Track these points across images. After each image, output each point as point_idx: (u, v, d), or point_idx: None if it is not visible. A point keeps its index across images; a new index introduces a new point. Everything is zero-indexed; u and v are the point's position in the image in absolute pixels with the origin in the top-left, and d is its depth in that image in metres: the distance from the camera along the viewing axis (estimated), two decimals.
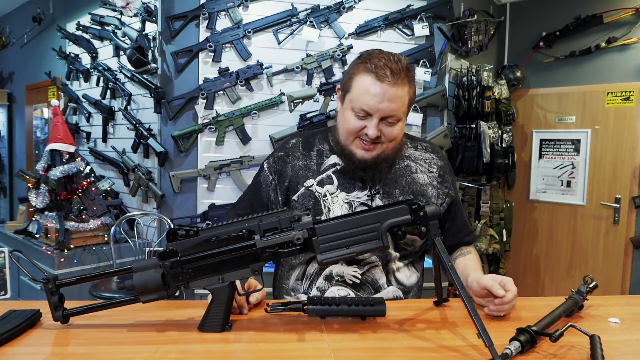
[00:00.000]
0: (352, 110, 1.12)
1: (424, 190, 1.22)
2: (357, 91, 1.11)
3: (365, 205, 1.18)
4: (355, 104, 1.11)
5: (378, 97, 1.08)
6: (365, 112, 1.10)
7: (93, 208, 2.93)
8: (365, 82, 1.10)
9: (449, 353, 0.84)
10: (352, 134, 1.14)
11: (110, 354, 0.82)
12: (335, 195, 1.19)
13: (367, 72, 1.10)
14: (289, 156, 1.25)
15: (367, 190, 1.19)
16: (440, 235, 0.93)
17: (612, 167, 3.48)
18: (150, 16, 2.91)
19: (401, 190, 1.21)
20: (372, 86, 1.08)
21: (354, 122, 1.12)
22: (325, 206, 1.18)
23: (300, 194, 1.20)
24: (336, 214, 1.15)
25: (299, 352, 0.85)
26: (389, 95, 1.08)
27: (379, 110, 1.09)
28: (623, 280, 3.47)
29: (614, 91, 3.44)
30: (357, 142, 1.14)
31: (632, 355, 0.86)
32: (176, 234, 0.93)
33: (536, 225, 3.86)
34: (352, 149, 1.15)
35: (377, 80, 1.08)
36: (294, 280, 1.22)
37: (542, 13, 3.72)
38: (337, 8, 2.85)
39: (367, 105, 1.09)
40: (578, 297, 1.01)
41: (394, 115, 1.11)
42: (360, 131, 1.12)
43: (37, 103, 4.84)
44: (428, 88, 3.00)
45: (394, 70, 1.08)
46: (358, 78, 1.12)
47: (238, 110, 2.83)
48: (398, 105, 1.10)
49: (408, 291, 1.21)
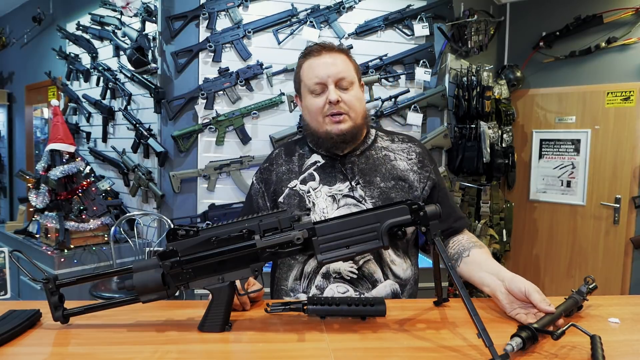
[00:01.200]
0: (309, 92, 1.22)
1: (405, 176, 1.25)
2: (306, 73, 1.23)
3: (348, 196, 1.21)
4: (309, 84, 1.21)
5: (323, 65, 1.20)
6: (319, 85, 1.20)
7: (93, 208, 2.93)
8: (308, 64, 1.23)
9: (449, 353, 0.84)
10: (319, 112, 1.21)
11: (110, 354, 0.82)
12: (319, 190, 1.23)
13: (307, 57, 1.24)
14: (273, 164, 1.32)
15: (348, 182, 1.23)
16: (440, 235, 0.93)
17: (612, 167, 3.48)
18: (150, 16, 2.91)
19: (382, 177, 1.24)
20: (314, 62, 1.21)
21: (316, 101, 1.21)
22: (310, 201, 1.22)
23: (285, 194, 1.25)
24: (321, 207, 1.20)
25: (299, 352, 0.84)
26: (331, 61, 1.20)
27: (329, 75, 1.18)
28: (623, 280, 3.47)
29: (614, 91, 3.44)
30: (327, 120, 1.21)
31: (632, 355, 0.86)
32: (176, 234, 0.93)
33: (536, 225, 3.86)
34: (327, 128, 1.21)
35: (316, 56, 1.22)
36: (292, 281, 1.22)
37: (542, 13, 3.72)
38: (337, 8, 2.85)
39: (318, 77, 1.19)
40: (578, 297, 1.01)
41: (344, 77, 1.19)
42: (324, 106, 1.19)
43: (37, 103, 4.84)
44: (428, 88, 3.00)
45: (326, 47, 1.23)
46: (303, 66, 1.24)
47: (238, 110, 2.83)
48: (343, 67, 1.20)
49: (405, 284, 1.22)
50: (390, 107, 2.88)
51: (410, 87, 2.94)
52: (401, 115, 2.91)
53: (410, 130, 2.94)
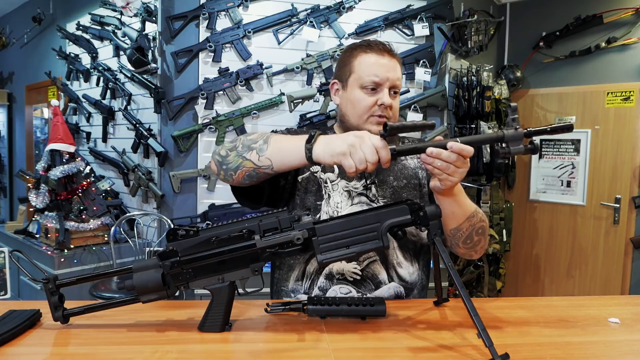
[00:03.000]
0: (361, 88, 1.18)
1: (415, 174, 1.27)
2: (363, 68, 1.18)
3: (362, 194, 1.21)
4: (364, 80, 1.17)
5: (385, 67, 1.17)
6: (375, 84, 1.17)
7: (93, 208, 2.93)
8: (368, 59, 1.18)
9: (449, 353, 0.84)
10: (366, 110, 1.19)
11: (110, 354, 0.82)
12: (336, 183, 1.22)
13: (367, 51, 1.19)
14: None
15: (364, 180, 1.23)
16: (440, 235, 0.93)
17: (612, 167, 3.48)
18: (150, 16, 2.91)
19: (394, 176, 1.25)
20: (376, 59, 1.18)
21: (365, 98, 1.18)
22: (326, 192, 1.22)
23: (306, 177, 1.24)
24: (335, 201, 1.20)
25: (299, 352, 0.84)
26: (391, 65, 1.18)
27: (388, 79, 1.17)
28: (623, 280, 3.47)
29: (614, 91, 3.44)
30: (372, 119, 1.19)
31: (632, 355, 0.86)
32: (176, 234, 0.93)
33: (536, 225, 3.86)
34: (368, 127, 1.19)
35: (379, 55, 1.18)
36: (293, 282, 1.21)
37: (542, 13, 3.72)
38: (337, 8, 2.85)
39: (378, 76, 1.16)
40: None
41: (397, 86, 1.19)
42: (374, 106, 1.17)
43: (37, 103, 4.84)
44: (428, 88, 3.00)
45: (387, 48, 1.20)
46: (359, 58, 1.20)
47: (238, 110, 2.83)
48: (399, 75, 1.20)
49: (411, 288, 1.20)
50: None
51: (410, 87, 2.94)
52: (401, 116, 2.91)
53: None
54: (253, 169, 1.04)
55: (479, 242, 1.14)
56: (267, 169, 1.03)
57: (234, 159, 1.06)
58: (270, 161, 1.02)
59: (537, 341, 0.89)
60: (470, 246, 1.14)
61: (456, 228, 1.10)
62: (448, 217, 1.07)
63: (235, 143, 1.08)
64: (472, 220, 1.09)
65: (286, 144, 1.02)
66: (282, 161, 1.01)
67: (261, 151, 1.03)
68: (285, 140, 1.03)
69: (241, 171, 1.06)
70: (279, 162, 1.02)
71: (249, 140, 1.07)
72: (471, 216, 1.09)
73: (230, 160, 1.07)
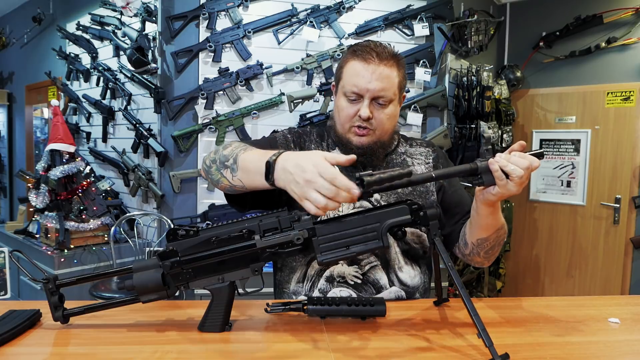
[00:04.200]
0: (344, 95, 1.17)
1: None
2: (347, 76, 1.16)
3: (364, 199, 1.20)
4: (346, 88, 1.16)
5: (366, 77, 1.13)
6: (356, 95, 1.14)
7: (93, 208, 2.93)
8: (354, 66, 1.15)
9: (449, 353, 0.84)
10: (347, 119, 1.17)
11: (110, 354, 0.82)
12: None
13: (355, 57, 1.16)
14: (304, 137, 1.29)
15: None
16: (440, 235, 0.93)
17: (612, 167, 3.48)
18: (150, 16, 2.91)
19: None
20: (359, 68, 1.14)
21: (347, 107, 1.17)
22: None
23: None
24: None
25: (299, 352, 0.84)
26: (376, 75, 1.12)
27: (368, 90, 1.13)
28: (623, 280, 3.47)
29: (614, 91, 3.44)
30: (353, 130, 1.18)
31: (632, 355, 0.86)
32: (176, 234, 0.93)
33: (536, 225, 3.86)
34: (349, 137, 1.19)
35: (364, 62, 1.14)
36: (295, 284, 1.21)
37: (542, 13, 3.72)
38: (337, 8, 2.85)
39: (357, 87, 1.13)
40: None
41: (383, 96, 1.14)
42: (354, 116, 1.15)
43: (37, 103, 4.84)
44: (428, 88, 3.00)
45: (380, 53, 1.14)
46: (347, 65, 1.17)
47: (238, 110, 2.83)
48: (386, 84, 1.14)
49: (412, 292, 1.20)
50: None
51: (410, 87, 2.94)
52: (401, 116, 2.91)
53: (410, 130, 2.94)
54: (230, 186, 1.05)
55: (496, 253, 1.16)
56: (242, 189, 1.03)
57: (215, 172, 1.07)
58: (242, 182, 1.01)
59: (537, 341, 0.89)
60: (489, 255, 1.16)
61: (485, 238, 1.10)
62: (482, 227, 1.08)
63: (216, 155, 1.08)
64: (499, 232, 1.10)
65: (252, 166, 0.97)
66: (252, 184, 0.98)
67: (233, 171, 1.02)
68: (251, 163, 0.97)
69: (221, 185, 1.07)
70: (250, 184, 0.99)
71: (224, 156, 1.05)
72: (499, 228, 1.10)
73: (212, 172, 1.08)
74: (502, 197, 0.96)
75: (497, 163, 0.92)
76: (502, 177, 0.92)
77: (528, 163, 0.91)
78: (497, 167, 0.92)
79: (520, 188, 0.92)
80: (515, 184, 0.91)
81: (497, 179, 0.92)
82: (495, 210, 1.04)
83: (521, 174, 0.90)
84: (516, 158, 0.91)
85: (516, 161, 0.91)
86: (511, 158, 0.92)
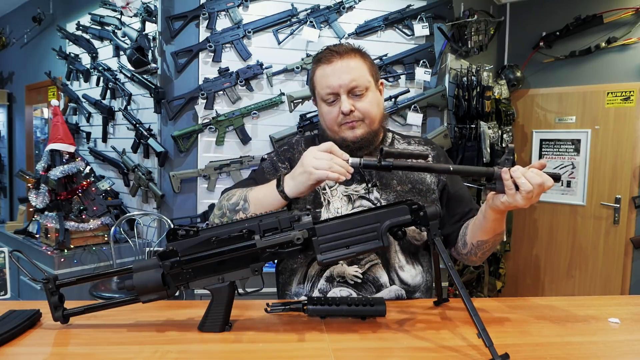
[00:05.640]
0: (323, 101, 1.21)
1: (422, 179, 1.24)
2: (319, 82, 1.21)
3: (363, 198, 1.21)
4: (322, 94, 1.20)
5: (335, 75, 1.17)
6: (332, 95, 1.18)
7: (93, 208, 2.93)
8: (321, 71, 1.20)
9: (449, 353, 0.84)
10: (333, 121, 1.20)
11: (110, 354, 0.82)
12: (335, 189, 1.22)
13: (320, 63, 1.21)
14: (294, 148, 1.31)
15: (365, 184, 1.22)
16: (440, 235, 0.93)
17: (612, 167, 3.48)
18: (150, 16, 2.91)
19: (398, 180, 1.23)
20: (326, 70, 1.18)
21: (329, 110, 1.20)
22: (325, 199, 1.21)
23: None
24: (335, 207, 1.19)
25: (299, 352, 0.85)
26: (343, 69, 1.17)
27: (340, 85, 1.16)
28: (623, 280, 3.47)
29: (614, 91, 3.44)
30: (343, 127, 1.20)
31: (632, 355, 0.86)
32: (176, 234, 0.93)
33: (536, 225, 3.86)
34: (342, 135, 1.20)
35: (328, 64, 1.18)
36: (296, 285, 1.22)
37: (542, 13, 3.72)
38: (337, 8, 2.85)
39: (330, 87, 1.17)
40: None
41: (357, 86, 1.17)
42: (339, 115, 1.18)
43: (37, 103, 4.84)
44: (428, 88, 3.00)
45: (340, 51, 1.19)
46: (316, 72, 1.23)
47: (238, 110, 2.83)
48: (356, 74, 1.17)
49: (413, 291, 1.20)
50: (390, 107, 2.88)
51: (410, 87, 2.94)
52: (401, 116, 2.91)
53: (410, 130, 2.94)
54: None
55: (490, 253, 1.20)
56: None
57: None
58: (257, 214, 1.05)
59: (537, 341, 0.89)
60: (484, 256, 1.19)
61: (485, 240, 1.13)
62: (485, 230, 1.10)
63: (222, 209, 1.15)
64: (498, 236, 1.13)
65: (262, 195, 1.10)
66: (267, 209, 1.04)
67: (245, 210, 1.11)
68: (260, 193, 1.11)
69: None
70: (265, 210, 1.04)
71: (232, 204, 1.14)
72: (500, 233, 1.12)
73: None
74: (509, 207, 0.97)
75: (511, 173, 0.93)
76: (512, 188, 0.93)
77: (541, 181, 0.92)
78: (508, 176, 0.94)
79: (528, 203, 0.93)
80: (523, 197, 0.93)
81: (506, 188, 0.94)
82: (502, 217, 1.06)
83: (530, 189, 0.92)
84: (531, 174, 0.93)
85: (530, 176, 0.92)
86: (527, 173, 0.93)
